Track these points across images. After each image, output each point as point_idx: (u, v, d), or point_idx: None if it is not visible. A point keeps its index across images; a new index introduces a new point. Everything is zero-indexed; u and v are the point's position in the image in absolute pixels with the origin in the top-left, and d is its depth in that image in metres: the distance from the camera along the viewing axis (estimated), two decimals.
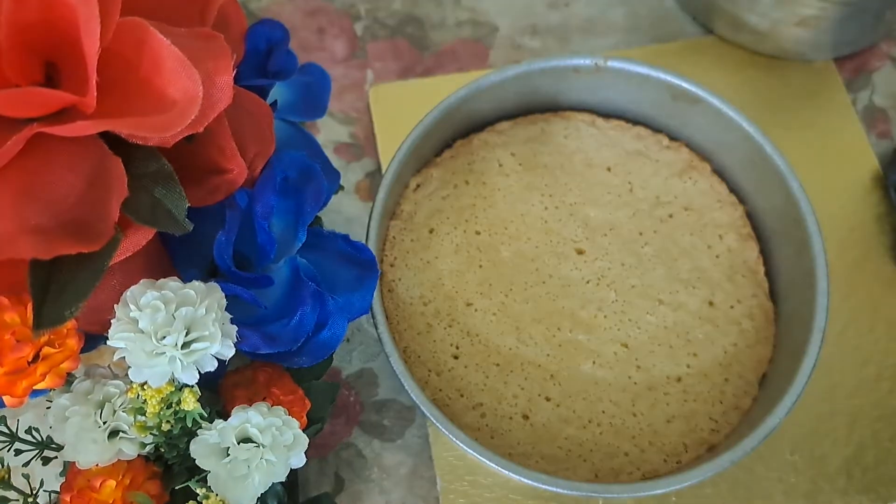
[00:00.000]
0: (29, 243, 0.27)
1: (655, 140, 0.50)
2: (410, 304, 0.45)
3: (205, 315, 0.31)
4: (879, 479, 0.47)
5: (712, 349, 0.45)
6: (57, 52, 0.30)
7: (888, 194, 0.54)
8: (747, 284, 0.47)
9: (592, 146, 0.49)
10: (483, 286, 0.46)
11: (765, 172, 0.46)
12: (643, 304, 0.46)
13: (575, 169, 0.49)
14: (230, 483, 0.32)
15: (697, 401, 0.44)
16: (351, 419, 0.49)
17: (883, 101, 0.58)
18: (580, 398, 0.44)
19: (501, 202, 0.48)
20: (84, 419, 0.33)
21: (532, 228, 0.47)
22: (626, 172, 0.49)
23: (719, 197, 0.49)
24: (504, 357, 0.44)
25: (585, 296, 0.46)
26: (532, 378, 0.44)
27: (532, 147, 0.49)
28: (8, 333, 0.30)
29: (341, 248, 0.39)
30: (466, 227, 0.47)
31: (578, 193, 0.48)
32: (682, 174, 0.49)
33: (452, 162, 0.49)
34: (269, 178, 0.36)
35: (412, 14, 0.61)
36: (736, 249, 0.48)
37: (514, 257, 0.46)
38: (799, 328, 0.43)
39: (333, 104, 0.57)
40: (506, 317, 0.45)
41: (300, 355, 0.36)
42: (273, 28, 0.42)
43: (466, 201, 0.48)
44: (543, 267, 0.46)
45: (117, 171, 0.29)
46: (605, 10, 0.61)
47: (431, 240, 0.47)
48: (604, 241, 0.47)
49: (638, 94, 0.49)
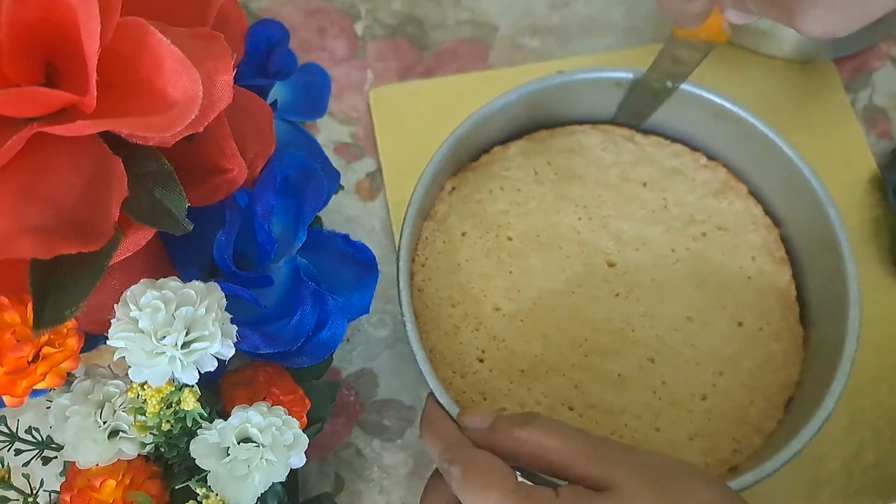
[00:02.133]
0: (29, 243, 0.27)
1: (693, 158, 0.50)
2: (439, 305, 0.45)
3: (205, 315, 0.31)
4: (879, 479, 0.47)
5: (739, 369, 0.44)
6: (57, 52, 0.30)
7: (886, 196, 0.54)
8: (778, 307, 0.46)
9: (629, 161, 0.49)
10: (511, 292, 0.45)
11: (802, 198, 0.46)
12: (671, 320, 0.45)
13: (611, 182, 0.48)
14: (230, 483, 0.32)
15: (721, 420, 0.43)
16: (351, 419, 0.49)
17: (883, 101, 0.58)
18: (603, 410, 0.43)
19: (535, 210, 0.47)
20: (84, 419, 0.33)
21: (564, 238, 0.46)
22: (662, 189, 0.48)
23: (754, 219, 0.48)
24: (529, 363, 0.44)
25: (614, 308, 0.45)
26: (556, 386, 0.43)
27: (569, 157, 0.49)
28: (8, 333, 0.30)
29: (341, 248, 0.39)
30: (498, 233, 0.46)
31: (612, 206, 0.47)
32: (717, 194, 0.49)
33: (489, 167, 0.48)
34: (269, 178, 0.36)
35: (412, 14, 0.61)
36: (768, 272, 0.47)
37: (544, 265, 0.46)
38: (828, 354, 0.42)
39: (333, 104, 0.57)
40: (533, 324, 0.44)
41: (300, 355, 0.36)
42: (273, 28, 0.42)
43: (500, 207, 0.47)
44: (573, 277, 0.46)
45: (117, 170, 0.29)
46: (605, 9, 0.61)
47: (463, 243, 0.46)
48: (635, 255, 0.46)
49: (679, 111, 0.49)
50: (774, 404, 0.44)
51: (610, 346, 0.44)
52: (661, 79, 0.47)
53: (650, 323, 0.45)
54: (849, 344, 0.41)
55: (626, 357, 0.44)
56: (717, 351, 0.45)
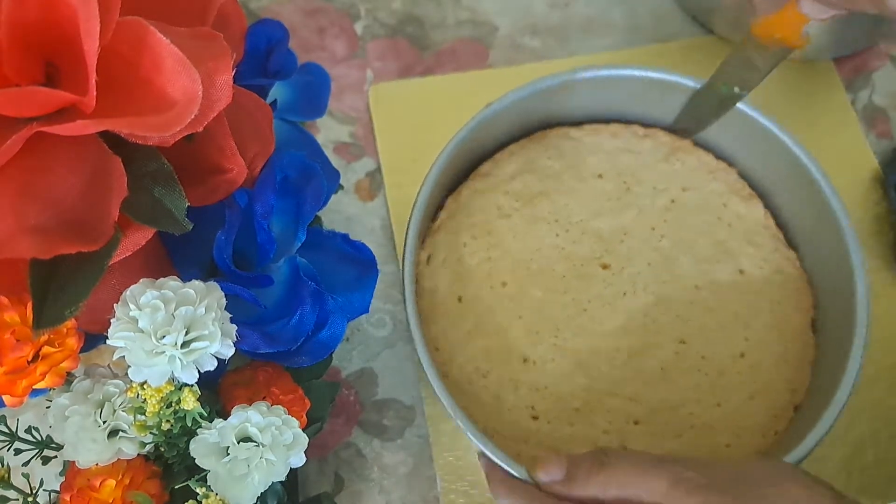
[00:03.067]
0: (29, 243, 0.27)
1: (631, 132, 0.50)
2: (469, 382, 0.44)
3: (204, 314, 0.31)
4: (878, 479, 0.47)
5: (761, 314, 0.45)
6: (57, 52, 0.30)
7: (887, 194, 0.54)
8: (766, 242, 0.47)
9: (576, 159, 0.49)
10: (531, 336, 0.45)
11: (808, 193, 0.46)
12: (682, 296, 0.45)
13: (570, 187, 0.48)
14: (230, 482, 0.32)
15: (767, 369, 0.44)
16: (351, 419, 0.49)
17: (883, 101, 0.58)
18: (665, 410, 0.43)
19: (513, 244, 0.47)
20: (84, 418, 0.33)
21: (552, 259, 0.46)
22: (617, 174, 0.49)
23: (709, 168, 0.49)
24: (580, 398, 0.44)
25: (627, 309, 0.45)
26: (613, 409, 0.43)
27: (522, 180, 0.49)
28: (8, 333, 0.30)
29: (341, 248, 0.39)
30: (492, 284, 0.46)
31: (581, 209, 0.48)
32: (668, 158, 0.49)
33: (452, 222, 0.48)
34: (268, 178, 0.36)
35: (412, 14, 0.61)
36: (743, 213, 0.48)
37: (547, 294, 0.46)
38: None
39: (333, 104, 0.57)
40: (565, 358, 0.44)
41: (300, 355, 0.36)
42: (273, 28, 0.42)
43: (480, 256, 0.47)
44: (578, 294, 0.46)
45: (117, 170, 0.29)
46: (604, 9, 0.61)
47: (464, 308, 0.46)
48: (623, 249, 0.47)
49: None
50: (805, 331, 0.46)
51: (641, 346, 0.44)
52: (730, 83, 0.46)
53: (665, 307, 0.45)
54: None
55: (659, 349, 0.44)
56: (734, 306, 0.45)
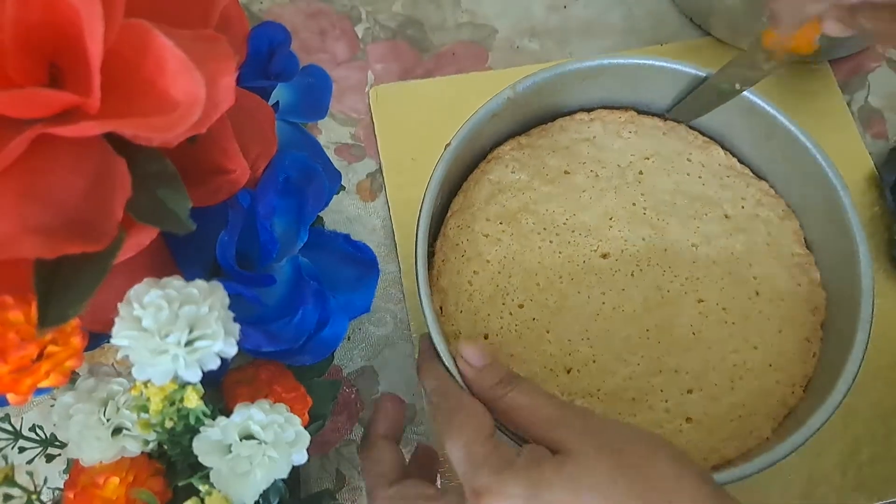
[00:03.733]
0: (33, 243, 0.28)
1: (576, 122, 0.51)
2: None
3: (208, 313, 0.31)
4: (874, 477, 0.47)
5: (757, 251, 0.47)
6: (61, 54, 0.30)
7: (883, 195, 0.54)
8: (736, 181, 0.49)
9: (537, 163, 0.50)
10: (564, 346, 0.45)
11: (813, 182, 0.47)
12: (684, 257, 0.46)
13: (543, 192, 0.49)
14: (233, 479, 0.32)
15: (785, 300, 0.46)
16: (352, 416, 0.49)
17: (879, 102, 0.59)
18: (711, 369, 0.44)
19: (514, 266, 0.47)
20: (88, 417, 0.33)
21: (555, 266, 0.47)
22: (580, 163, 0.49)
23: (661, 129, 0.51)
24: (631, 388, 0.44)
25: (640, 287, 0.46)
26: (665, 386, 0.44)
27: (497, 201, 0.49)
28: (12, 332, 0.30)
29: (342, 248, 0.39)
30: (510, 310, 0.46)
31: (563, 210, 0.48)
32: (619, 131, 0.50)
33: (448, 265, 0.48)
34: (271, 179, 0.36)
35: (412, 16, 0.61)
36: (706, 161, 0.50)
37: (563, 301, 0.46)
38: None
39: (334, 105, 0.58)
40: (603, 355, 0.45)
41: (302, 353, 0.37)
42: (275, 30, 0.42)
43: (490, 288, 0.47)
44: (591, 290, 0.46)
45: (121, 171, 0.29)
46: (603, 12, 0.62)
47: (491, 345, 0.46)
48: (614, 233, 0.47)
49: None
50: (805, 257, 0.48)
51: (666, 317, 0.45)
52: (732, 81, 0.47)
53: (672, 273, 0.46)
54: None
55: (683, 314, 0.45)
56: (732, 249, 0.47)
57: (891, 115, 0.58)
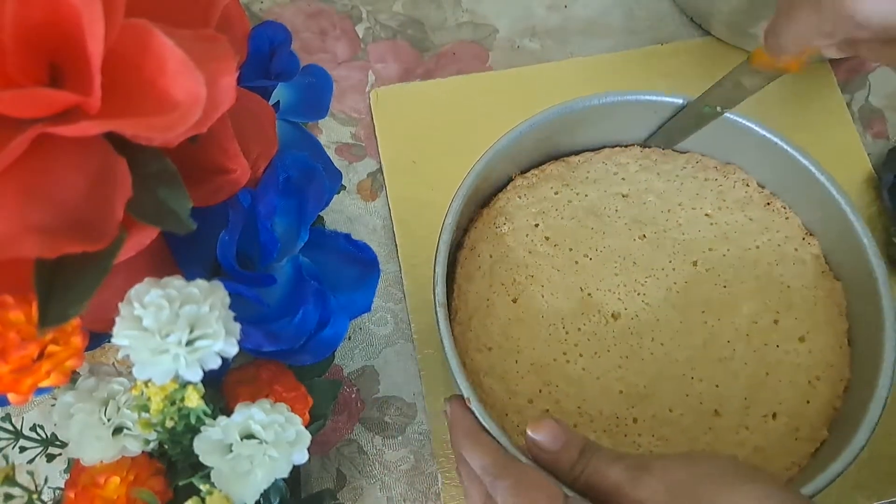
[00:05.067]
0: (34, 242, 0.28)
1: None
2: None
3: (208, 313, 0.31)
4: (874, 476, 0.47)
5: (758, 250, 0.48)
6: (61, 54, 0.30)
7: (880, 195, 0.54)
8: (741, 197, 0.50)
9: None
10: (606, 405, 0.44)
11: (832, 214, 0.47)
12: (686, 270, 0.47)
13: (521, 260, 0.48)
14: (233, 479, 0.32)
15: (820, 311, 0.46)
16: (352, 416, 0.49)
17: (879, 102, 0.58)
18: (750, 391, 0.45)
19: (527, 350, 0.46)
20: (88, 416, 0.33)
21: (571, 339, 0.46)
22: (548, 227, 0.49)
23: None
24: (686, 403, 0.45)
25: (664, 342, 0.46)
26: (710, 382, 0.45)
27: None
28: (13, 331, 0.30)
29: (343, 248, 0.39)
30: (546, 393, 0.45)
31: (543, 276, 0.47)
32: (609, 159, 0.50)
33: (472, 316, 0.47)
34: (271, 178, 0.36)
35: (413, 16, 0.61)
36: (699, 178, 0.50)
37: (584, 377, 0.45)
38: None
39: (335, 105, 0.58)
40: (644, 420, 0.44)
41: (302, 353, 0.37)
42: (275, 30, 0.42)
43: (513, 371, 0.46)
44: (614, 356, 0.45)
45: (121, 171, 0.29)
46: (603, 12, 0.62)
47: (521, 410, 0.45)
48: (611, 297, 0.47)
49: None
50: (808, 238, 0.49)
51: (715, 324, 0.46)
52: (713, 103, 0.46)
53: (699, 320, 0.47)
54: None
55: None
56: (745, 266, 0.47)
57: (891, 114, 0.58)
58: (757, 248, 0.48)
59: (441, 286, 0.42)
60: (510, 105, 0.58)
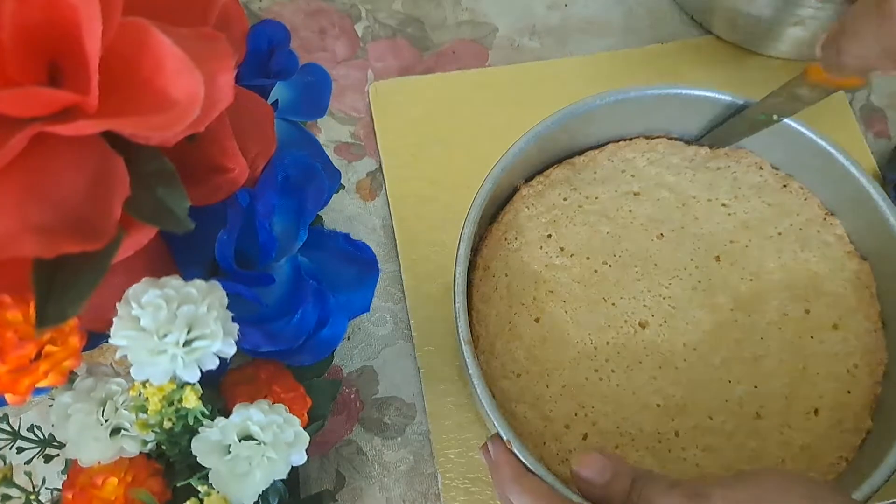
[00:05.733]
0: (32, 242, 0.27)
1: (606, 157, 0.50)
2: None
3: (206, 313, 0.31)
4: None
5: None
6: (59, 52, 0.30)
7: (886, 193, 0.54)
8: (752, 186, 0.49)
9: (519, 266, 0.47)
10: (643, 422, 0.43)
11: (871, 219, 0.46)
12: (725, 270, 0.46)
13: (533, 276, 0.46)
14: (232, 480, 0.32)
15: (850, 295, 0.46)
16: (351, 416, 0.49)
17: (881, 101, 0.58)
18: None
19: (554, 372, 0.44)
20: (86, 417, 0.33)
21: (598, 353, 0.45)
22: (556, 236, 0.48)
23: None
24: (726, 409, 0.44)
25: (699, 340, 0.45)
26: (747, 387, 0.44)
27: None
28: (10, 331, 0.30)
29: (342, 247, 0.39)
30: (583, 416, 0.44)
31: (572, 300, 0.46)
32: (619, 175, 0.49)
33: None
34: (270, 178, 0.36)
35: (412, 14, 0.61)
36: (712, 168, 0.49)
37: (618, 390, 0.44)
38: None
39: (334, 104, 0.57)
40: (683, 435, 0.43)
41: (301, 353, 0.37)
42: (274, 28, 0.42)
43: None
44: (647, 368, 0.44)
45: (119, 170, 0.29)
46: (603, 10, 0.62)
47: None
48: (638, 305, 0.46)
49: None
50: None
51: (737, 365, 0.45)
52: (770, 112, 0.46)
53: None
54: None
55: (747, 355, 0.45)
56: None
57: (893, 113, 0.58)
58: (779, 235, 0.47)
59: (464, 322, 0.41)
60: (510, 101, 0.57)
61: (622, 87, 0.47)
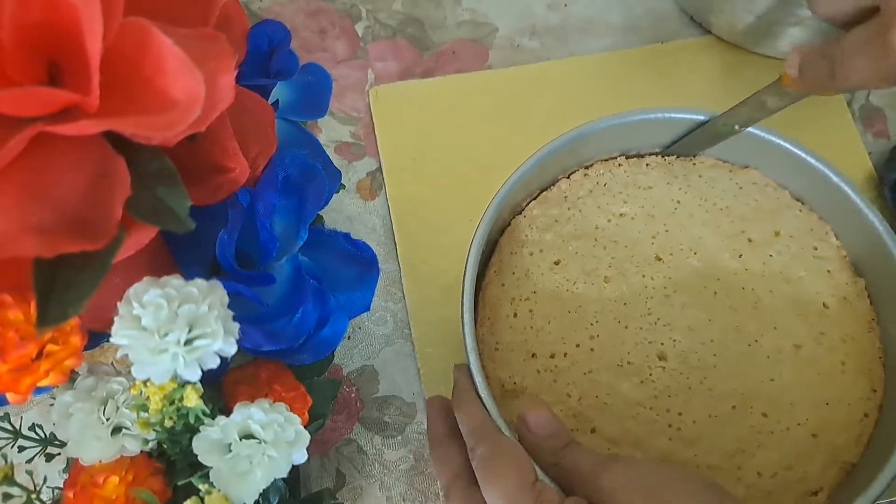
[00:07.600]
0: (32, 241, 0.28)
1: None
2: None
3: (207, 312, 0.31)
4: None
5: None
6: (60, 52, 0.30)
7: (882, 194, 0.54)
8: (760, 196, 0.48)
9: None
10: (655, 433, 0.42)
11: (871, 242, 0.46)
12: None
13: (553, 295, 0.45)
14: (232, 479, 0.32)
15: (849, 321, 0.45)
16: (352, 415, 0.49)
17: (880, 101, 0.58)
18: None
19: (572, 382, 0.43)
20: (87, 416, 0.33)
21: (626, 367, 0.43)
22: (560, 252, 0.46)
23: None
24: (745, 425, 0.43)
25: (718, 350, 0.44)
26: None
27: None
28: (11, 331, 0.30)
29: (342, 247, 0.39)
30: (586, 427, 0.43)
31: (581, 329, 0.44)
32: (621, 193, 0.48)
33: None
34: (270, 177, 0.36)
35: (412, 14, 0.61)
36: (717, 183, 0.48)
37: (629, 392, 0.43)
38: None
39: (334, 104, 0.57)
40: (692, 439, 0.42)
41: (302, 352, 0.37)
42: (275, 28, 0.42)
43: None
44: (658, 385, 0.43)
45: (120, 169, 0.29)
46: (603, 10, 0.62)
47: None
48: (656, 329, 0.44)
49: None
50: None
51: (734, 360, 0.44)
52: (732, 122, 0.45)
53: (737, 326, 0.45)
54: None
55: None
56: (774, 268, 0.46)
57: (892, 113, 0.58)
58: (778, 254, 0.46)
59: (478, 373, 0.39)
60: (510, 105, 0.57)
61: (622, 87, 0.47)
